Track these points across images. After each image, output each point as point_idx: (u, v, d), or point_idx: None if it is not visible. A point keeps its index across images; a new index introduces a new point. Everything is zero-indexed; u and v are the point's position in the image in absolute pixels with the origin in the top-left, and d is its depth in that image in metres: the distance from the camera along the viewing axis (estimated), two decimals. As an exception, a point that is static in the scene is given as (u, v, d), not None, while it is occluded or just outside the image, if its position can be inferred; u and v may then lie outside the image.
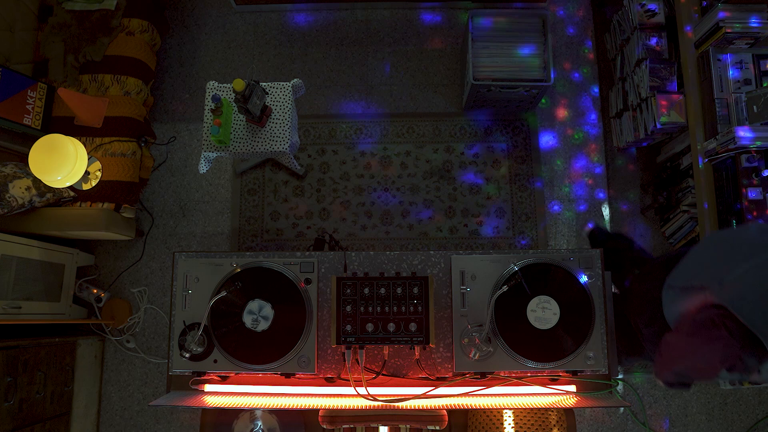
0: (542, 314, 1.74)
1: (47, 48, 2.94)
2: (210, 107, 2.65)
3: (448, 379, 1.78)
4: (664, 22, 2.90)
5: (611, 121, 3.30)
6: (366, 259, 1.86)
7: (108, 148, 2.83)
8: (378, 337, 1.70)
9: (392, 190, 3.27)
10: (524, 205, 3.25)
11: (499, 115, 3.35)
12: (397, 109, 3.38)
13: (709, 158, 2.53)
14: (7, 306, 2.60)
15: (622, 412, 3.05)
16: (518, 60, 3.00)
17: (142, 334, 3.18)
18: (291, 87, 2.72)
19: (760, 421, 3.05)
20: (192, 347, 1.76)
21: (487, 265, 1.82)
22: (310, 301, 1.81)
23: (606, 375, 1.77)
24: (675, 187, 3.00)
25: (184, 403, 1.64)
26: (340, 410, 1.72)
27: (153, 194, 3.32)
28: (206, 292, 1.83)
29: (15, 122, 2.70)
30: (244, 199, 3.29)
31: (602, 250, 1.83)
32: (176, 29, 3.51)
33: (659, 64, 2.82)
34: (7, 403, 2.39)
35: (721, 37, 2.48)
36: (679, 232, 3.02)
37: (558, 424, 1.94)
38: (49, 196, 2.71)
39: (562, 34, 3.45)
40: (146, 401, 3.12)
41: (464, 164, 3.30)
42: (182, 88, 3.44)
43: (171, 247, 3.25)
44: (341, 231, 3.23)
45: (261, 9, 3.49)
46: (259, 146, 2.67)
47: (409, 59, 3.45)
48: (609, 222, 3.22)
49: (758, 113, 2.40)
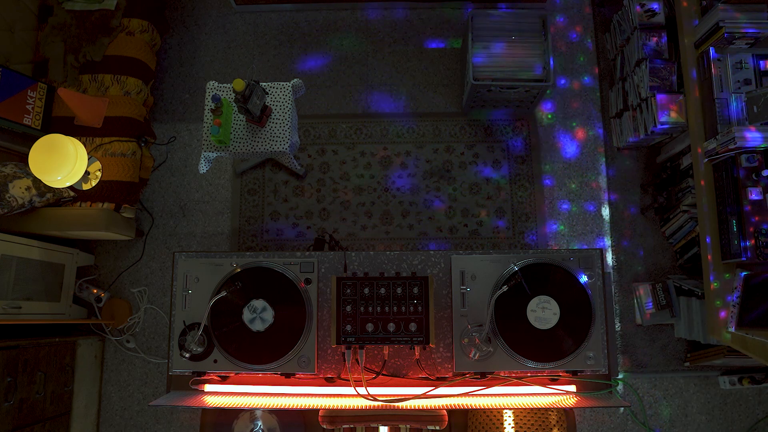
0: (542, 314, 1.74)
1: (47, 48, 2.94)
2: (210, 107, 2.65)
3: (448, 379, 1.78)
4: (664, 22, 2.90)
5: (611, 121, 3.30)
6: (366, 259, 1.86)
7: (108, 148, 2.83)
8: (378, 337, 1.70)
9: (392, 190, 3.27)
10: (524, 205, 3.25)
11: (498, 115, 3.35)
12: (397, 109, 3.38)
13: (709, 158, 2.53)
14: (7, 306, 2.60)
15: (622, 412, 3.05)
16: (518, 60, 3.00)
17: (142, 334, 3.18)
18: (291, 87, 2.72)
19: (760, 421, 3.05)
20: (192, 347, 1.76)
21: (487, 265, 1.82)
22: (310, 301, 1.81)
23: (606, 375, 1.77)
24: (675, 187, 3.00)
25: (184, 403, 1.64)
26: (340, 410, 1.72)
27: (153, 194, 3.32)
28: (206, 292, 1.83)
29: (15, 122, 2.70)
30: (244, 199, 3.29)
31: (602, 250, 1.83)
32: (176, 29, 3.51)
33: (659, 64, 2.82)
34: (7, 403, 2.39)
35: (721, 37, 2.48)
36: (679, 232, 3.02)
37: (558, 424, 1.94)
38: (49, 196, 2.71)
39: (562, 34, 3.45)
40: (146, 401, 3.12)
41: (464, 164, 3.29)
42: (182, 88, 3.44)
43: (171, 247, 3.25)
44: (341, 231, 3.23)
45: (261, 9, 3.49)
46: (259, 146, 2.67)
47: (409, 59, 3.45)
48: (609, 222, 3.22)
49: (758, 113, 2.40)
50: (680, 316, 2.96)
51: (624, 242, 3.18)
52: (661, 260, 3.15)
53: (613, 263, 3.17)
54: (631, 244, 3.17)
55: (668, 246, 3.15)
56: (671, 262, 3.15)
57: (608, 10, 3.41)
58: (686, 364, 3.04)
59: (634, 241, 3.17)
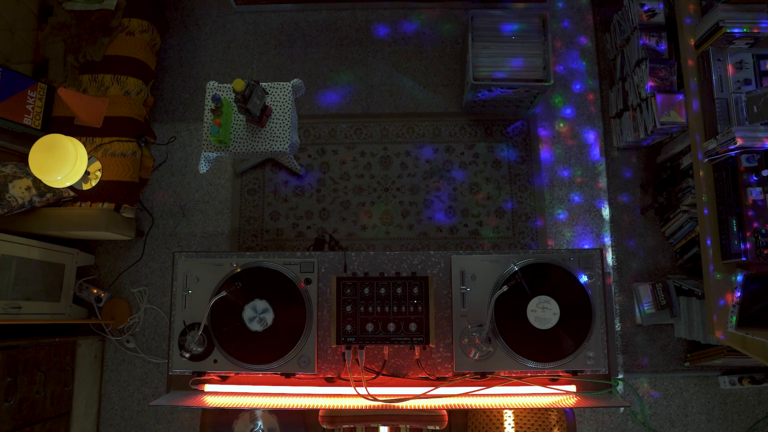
0: (542, 314, 1.74)
1: (47, 48, 2.94)
2: (210, 107, 2.65)
3: (448, 379, 1.78)
4: (664, 22, 2.90)
5: (611, 121, 3.30)
6: (366, 259, 1.86)
7: (108, 148, 2.83)
8: (378, 337, 1.70)
9: (392, 190, 3.27)
10: (524, 205, 3.25)
11: (498, 114, 3.35)
12: (397, 109, 3.38)
13: (709, 158, 2.53)
14: (7, 306, 2.60)
15: (622, 412, 3.05)
16: (518, 60, 3.00)
17: (142, 334, 3.18)
18: (291, 87, 2.72)
19: (760, 421, 3.05)
20: (192, 347, 1.76)
21: (487, 265, 1.82)
22: (310, 301, 1.81)
23: (606, 375, 1.77)
24: (675, 187, 3.00)
25: (184, 403, 1.64)
26: (340, 410, 1.72)
27: (153, 194, 3.32)
28: (206, 292, 1.83)
29: (15, 122, 2.70)
30: (244, 199, 3.29)
31: (602, 250, 1.83)
32: (176, 29, 3.51)
33: (659, 64, 2.82)
34: (7, 403, 2.39)
35: (721, 37, 2.48)
36: (679, 232, 3.02)
37: (558, 424, 1.94)
38: (49, 196, 2.71)
39: (562, 34, 3.45)
40: (146, 401, 3.12)
41: (464, 164, 3.29)
42: (182, 88, 3.44)
43: (171, 247, 3.25)
44: (341, 231, 3.23)
45: (261, 9, 3.49)
46: (259, 146, 2.67)
47: (409, 59, 3.45)
48: (609, 222, 3.22)
49: (758, 113, 2.40)
50: (680, 316, 2.96)
51: (624, 242, 3.18)
52: (661, 260, 3.15)
53: (613, 263, 3.17)
54: (631, 244, 3.17)
55: (668, 246, 3.15)
56: (671, 262, 3.15)
57: (608, 10, 3.41)
58: (686, 364, 3.04)
59: (634, 241, 3.17)
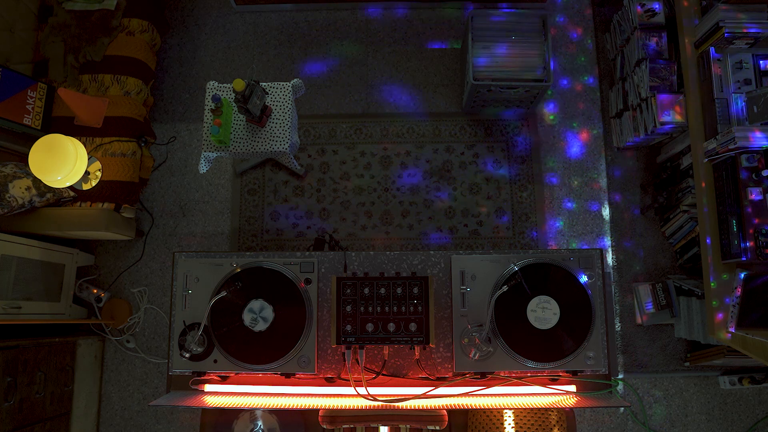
0: (542, 314, 1.74)
1: (47, 48, 2.94)
2: (210, 107, 2.65)
3: (448, 379, 1.78)
4: (664, 22, 2.90)
5: (611, 121, 3.30)
6: (366, 259, 1.86)
7: (108, 148, 2.83)
8: (378, 337, 1.70)
9: (392, 190, 3.27)
10: (524, 205, 3.25)
11: (498, 115, 3.35)
12: (397, 109, 3.38)
13: (709, 158, 2.53)
14: (7, 306, 2.60)
15: (622, 412, 3.05)
16: (518, 60, 3.00)
17: (142, 334, 3.18)
18: (291, 87, 2.72)
19: (760, 421, 3.05)
20: (192, 347, 1.76)
21: (487, 265, 1.82)
22: (310, 301, 1.81)
23: (606, 375, 1.77)
24: (675, 187, 3.00)
25: (184, 403, 1.64)
26: (340, 410, 1.72)
27: (153, 194, 3.32)
28: (206, 292, 1.83)
29: (15, 122, 2.70)
30: (244, 199, 3.29)
31: (602, 250, 1.83)
32: (176, 29, 3.51)
33: (659, 64, 2.82)
34: (7, 403, 2.39)
35: (721, 37, 2.48)
36: (679, 232, 3.02)
37: (558, 424, 1.94)
38: (49, 196, 2.71)
39: (562, 34, 3.45)
40: (146, 401, 3.12)
41: (464, 164, 3.29)
42: (182, 88, 3.44)
43: (171, 247, 3.25)
44: (341, 231, 3.23)
45: (261, 9, 3.49)
46: (259, 146, 2.67)
47: (409, 59, 3.45)
48: (609, 222, 3.22)
49: (758, 113, 2.40)
50: (680, 316, 2.96)
51: (624, 242, 3.18)
52: (661, 260, 3.15)
53: (613, 263, 3.17)
54: (631, 244, 3.17)
55: (668, 246, 3.15)
56: (671, 262, 3.15)
57: (608, 10, 3.41)
58: (686, 364, 3.04)
59: (634, 241, 3.17)
